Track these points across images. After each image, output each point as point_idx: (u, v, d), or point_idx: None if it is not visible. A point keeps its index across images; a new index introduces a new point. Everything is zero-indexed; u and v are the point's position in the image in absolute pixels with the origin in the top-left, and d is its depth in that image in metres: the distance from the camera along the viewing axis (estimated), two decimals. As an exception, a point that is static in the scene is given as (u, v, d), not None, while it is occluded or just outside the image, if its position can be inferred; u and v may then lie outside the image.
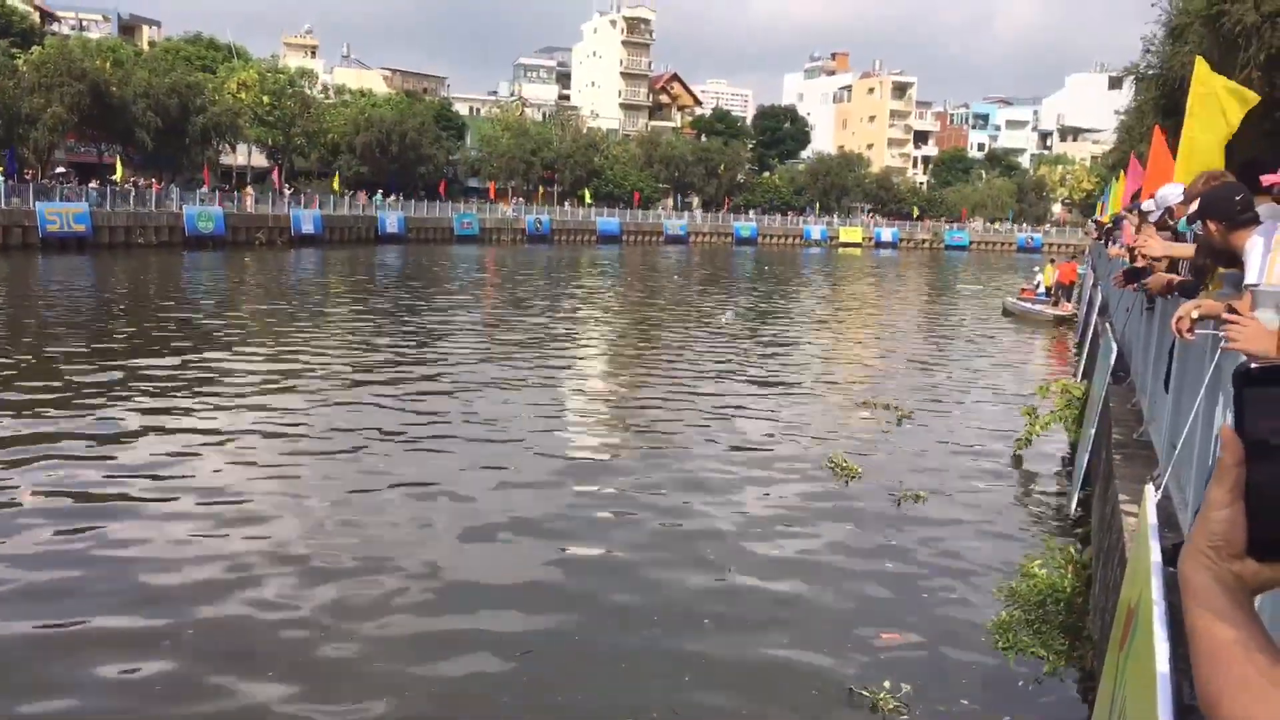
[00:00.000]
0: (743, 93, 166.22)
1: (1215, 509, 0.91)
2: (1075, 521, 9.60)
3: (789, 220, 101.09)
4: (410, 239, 68.63)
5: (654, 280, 45.69)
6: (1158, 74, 23.63)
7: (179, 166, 66.48)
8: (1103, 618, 5.60)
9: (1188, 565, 0.93)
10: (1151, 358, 7.64)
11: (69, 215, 46.28)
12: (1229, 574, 0.90)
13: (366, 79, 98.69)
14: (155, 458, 11.01)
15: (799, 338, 25.84)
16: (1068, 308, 29.10)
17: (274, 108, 75.45)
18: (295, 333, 21.96)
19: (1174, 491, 5.18)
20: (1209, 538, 0.91)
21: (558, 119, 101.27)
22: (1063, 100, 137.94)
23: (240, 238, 55.79)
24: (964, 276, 58.12)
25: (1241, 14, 16.68)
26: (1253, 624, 0.87)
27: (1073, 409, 12.47)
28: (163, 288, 32.34)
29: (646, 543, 8.98)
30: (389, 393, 15.21)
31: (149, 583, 7.63)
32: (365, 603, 7.39)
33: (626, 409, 15.24)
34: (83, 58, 58.73)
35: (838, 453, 12.03)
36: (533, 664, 6.55)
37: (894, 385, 18.02)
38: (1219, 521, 0.91)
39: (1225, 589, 0.89)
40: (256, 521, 9.10)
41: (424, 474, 10.83)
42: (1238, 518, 0.90)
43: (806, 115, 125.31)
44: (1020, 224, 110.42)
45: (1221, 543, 0.90)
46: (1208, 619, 0.89)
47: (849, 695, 6.14)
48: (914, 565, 8.65)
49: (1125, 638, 3.32)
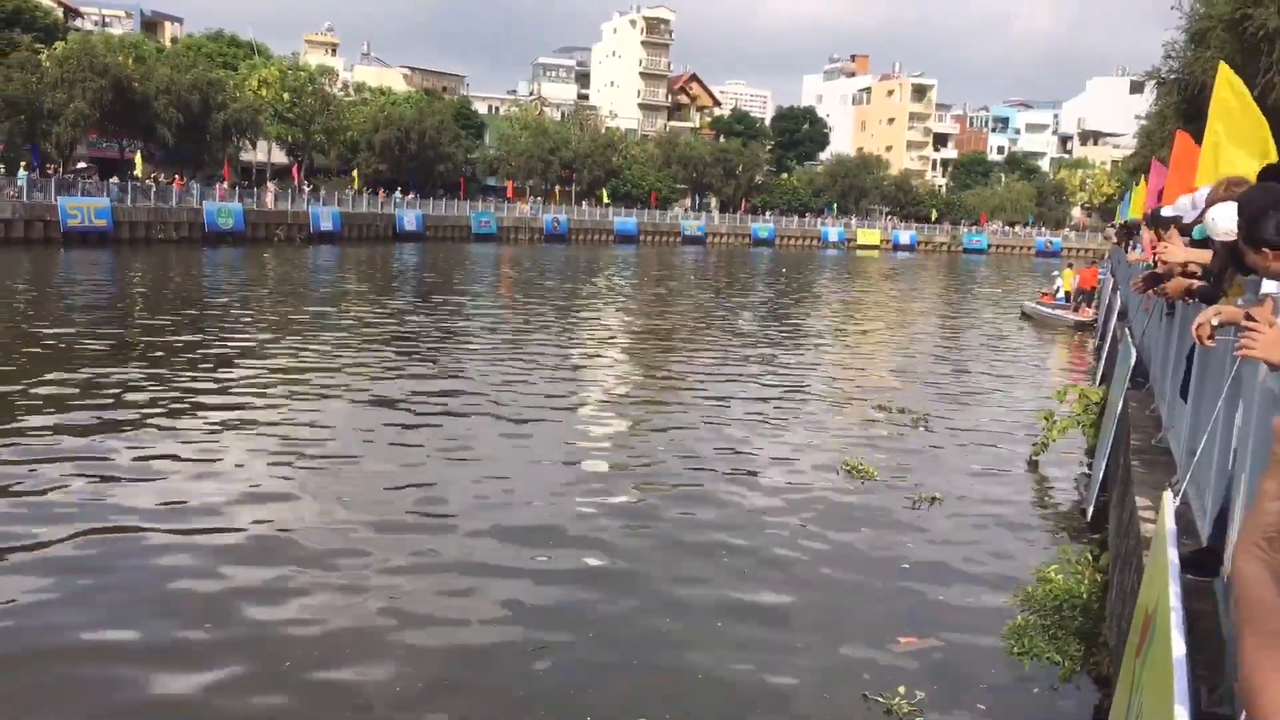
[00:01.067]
0: (761, 94, 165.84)
1: (1269, 500, 0.91)
2: (1092, 527, 9.57)
3: (807, 222, 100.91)
4: (428, 237, 68.80)
5: (671, 280, 45.70)
6: (1179, 78, 23.54)
7: (200, 163, 66.88)
8: (1119, 624, 5.58)
9: (1241, 559, 0.92)
10: (1171, 364, 7.61)
11: (90, 210, 46.61)
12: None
13: (386, 77, 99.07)
14: (166, 458, 11.07)
15: (815, 340, 25.81)
16: (1088, 313, 28.95)
17: (294, 105, 75.82)
18: (311, 330, 22.05)
19: (1193, 498, 5.16)
20: (1263, 529, 0.91)
21: (576, 118, 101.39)
22: (1083, 104, 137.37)
23: (259, 234, 56.03)
24: (982, 280, 57.89)
25: (1265, 19, 16.61)
26: None
27: (1090, 414, 12.43)
28: (182, 283, 32.51)
29: (658, 545, 8.97)
30: (400, 393, 15.26)
31: (170, 574, 7.69)
32: (365, 599, 7.42)
33: (639, 409, 15.24)
34: (105, 54, 59.23)
35: (853, 456, 12.02)
36: (541, 666, 6.55)
37: (911, 389, 17.98)
38: (1271, 514, 0.90)
39: (1274, 578, 0.88)
40: (254, 523, 9.13)
41: (432, 474, 10.88)
42: None
43: (825, 117, 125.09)
44: (1039, 228, 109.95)
45: (1276, 534, 0.90)
46: (1254, 608, 0.86)
47: (864, 701, 6.13)
48: (929, 569, 8.63)
49: (1143, 644, 3.32)
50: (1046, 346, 26.88)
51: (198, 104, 62.91)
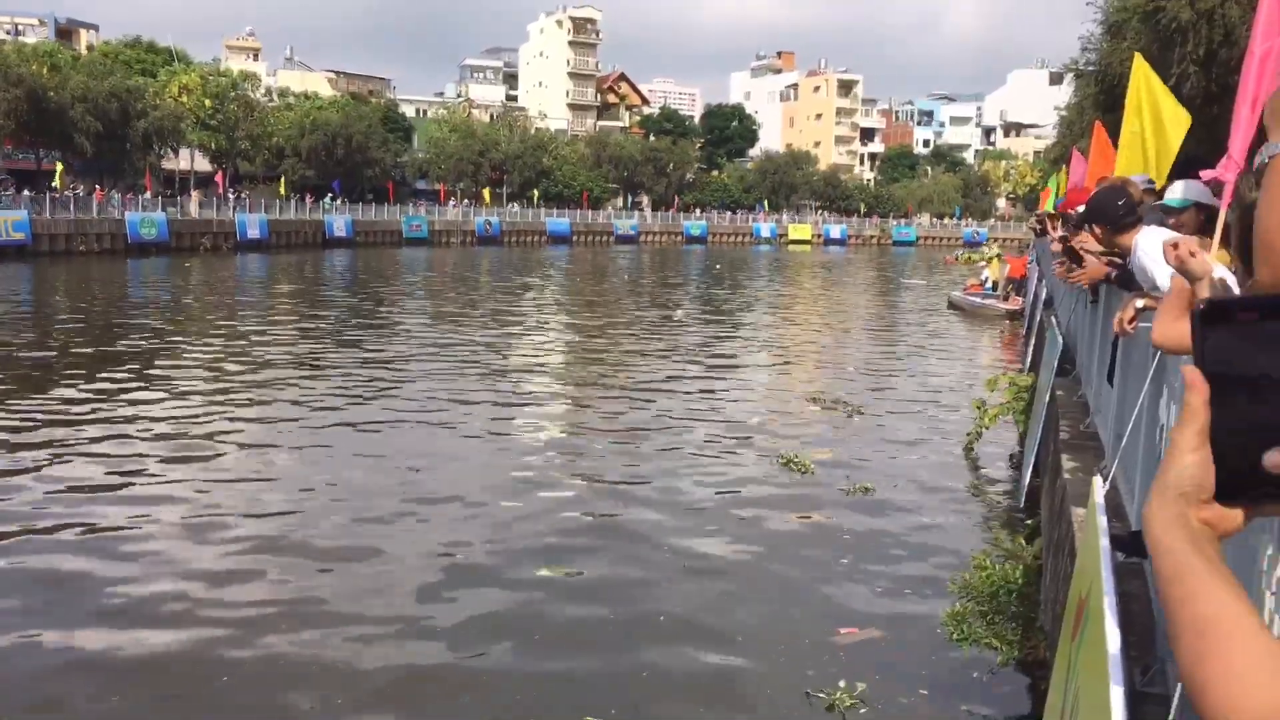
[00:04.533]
0: (690, 92, 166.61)
1: (1184, 454, 0.87)
2: (1026, 512, 9.73)
3: (738, 218, 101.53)
4: (359, 243, 68.10)
5: (605, 280, 45.67)
6: (1097, 70, 24.04)
7: (120, 172, 65.47)
8: (1054, 608, 5.67)
9: (1157, 525, 0.88)
10: (1096, 350, 7.75)
11: (7, 223, 45.41)
12: (1200, 526, 0.87)
13: (311, 81, 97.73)
14: (91, 474, 10.82)
15: (749, 335, 25.95)
16: (1018, 302, 29.37)
17: (217, 111, 74.54)
18: (239, 342, 21.69)
19: (1121, 482, 5.26)
20: (1178, 485, 0.88)
21: (505, 120, 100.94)
22: (1005, 96, 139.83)
23: (184, 244, 55.02)
24: (910, 271, 58.64)
25: (1177, 10, 17.01)
26: (1236, 590, 0.83)
27: (1020, 401, 12.64)
28: (104, 296, 31.76)
29: (595, 546, 8.94)
30: (336, 404, 15.08)
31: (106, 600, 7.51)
32: (320, 612, 7.31)
33: (576, 410, 15.21)
34: (18, 62, 57.75)
35: (789, 451, 12.08)
36: (484, 672, 6.50)
37: (845, 380, 18.14)
38: (1190, 466, 0.87)
39: (1199, 550, 0.85)
40: (196, 545, 8.97)
41: (373, 485, 10.76)
42: (1207, 461, 0.87)
43: (754, 114, 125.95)
44: (966, 219, 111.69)
45: (1191, 488, 0.87)
46: (1188, 587, 0.84)
47: (806, 698, 6.15)
48: (868, 560, 8.71)
49: (1077, 628, 3.36)
50: (976, 336, 27.28)
51: (116, 112, 61.56)
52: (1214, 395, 0.87)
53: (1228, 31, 16.54)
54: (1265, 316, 0.85)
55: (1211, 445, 0.87)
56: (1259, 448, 0.85)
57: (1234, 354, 0.86)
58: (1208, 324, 0.87)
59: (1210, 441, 0.87)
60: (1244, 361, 0.85)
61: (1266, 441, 0.84)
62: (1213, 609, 0.82)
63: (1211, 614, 0.82)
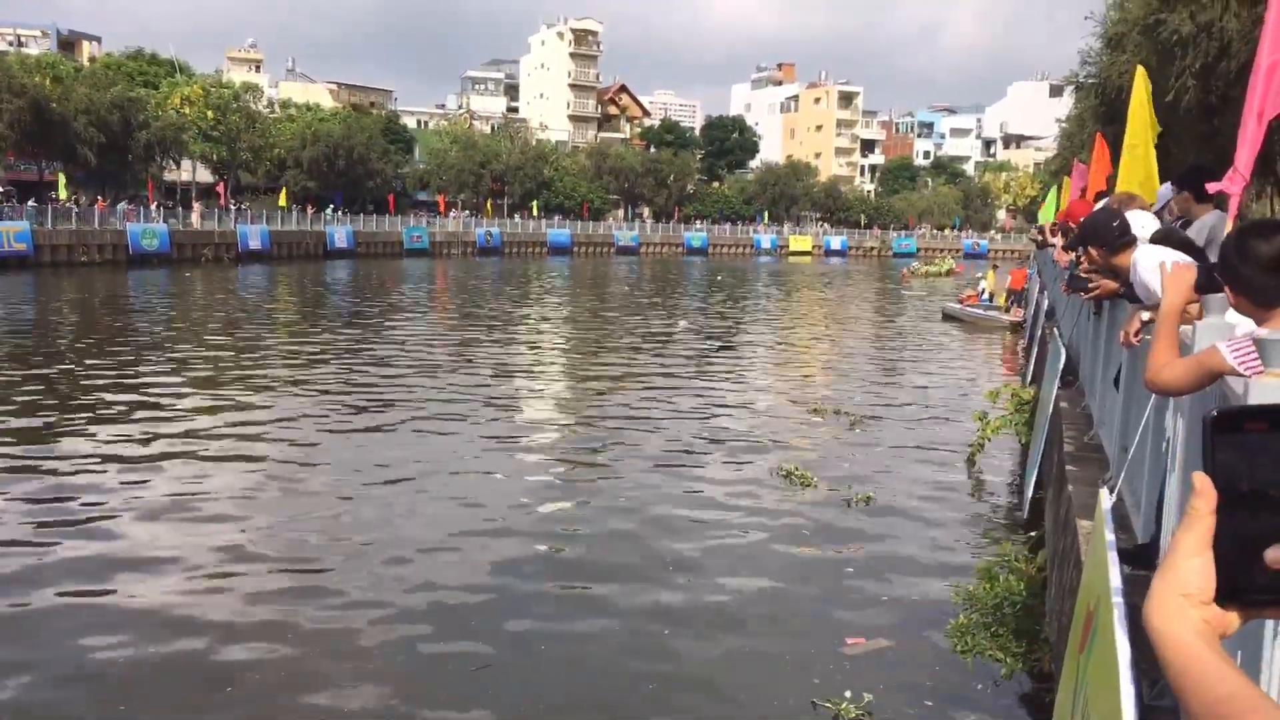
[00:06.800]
0: (691, 103, 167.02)
1: (1186, 557, 0.90)
2: (1028, 524, 9.72)
3: (739, 230, 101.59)
4: (360, 253, 68.14)
5: (606, 291, 45.69)
6: (1097, 83, 24.10)
7: (123, 183, 65.56)
8: (1059, 620, 5.67)
9: (1158, 619, 0.90)
10: (1100, 362, 7.75)
11: (9, 234, 45.47)
12: (1201, 622, 0.89)
13: (312, 93, 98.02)
14: (98, 479, 10.82)
15: (751, 347, 25.96)
16: (1020, 313, 29.31)
17: (219, 122, 74.65)
18: (240, 354, 21.70)
19: (1126, 494, 5.26)
20: (1181, 586, 0.90)
21: (506, 131, 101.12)
22: (1006, 108, 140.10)
23: (186, 254, 55.05)
24: (912, 283, 58.61)
25: (1178, 23, 17.06)
26: (1243, 678, 0.86)
27: (1022, 414, 12.63)
28: (106, 306, 31.78)
29: (601, 558, 8.94)
30: (338, 411, 15.09)
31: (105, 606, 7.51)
32: (321, 617, 7.31)
33: (578, 421, 15.21)
34: (22, 74, 57.86)
35: (791, 461, 12.08)
36: (488, 679, 6.50)
37: (846, 392, 18.14)
38: (1191, 570, 0.90)
39: (1206, 640, 0.88)
40: (196, 550, 8.97)
41: (377, 491, 10.76)
42: (1208, 566, 0.89)
43: (754, 125, 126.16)
44: (966, 230, 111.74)
45: (1194, 590, 0.89)
46: (1200, 673, 0.86)
47: (813, 708, 6.15)
48: (872, 571, 8.70)
49: (1085, 641, 3.36)
50: (975, 348, 27.27)
51: (118, 123, 61.66)
52: (1220, 503, 0.89)
53: (1227, 44, 16.58)
54: (1275, 427, 0.88)
55: (1214, 549, 0.90)
56: (1259, 554, 0.87)
57: (1241, 465, 0.88)
58: (1219, 432, 0.89)
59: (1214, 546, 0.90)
60: (1249, 473, 0.88)
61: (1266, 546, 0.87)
62: (1227, 689, 0.84)
63: (1227, 694, 0.84)
